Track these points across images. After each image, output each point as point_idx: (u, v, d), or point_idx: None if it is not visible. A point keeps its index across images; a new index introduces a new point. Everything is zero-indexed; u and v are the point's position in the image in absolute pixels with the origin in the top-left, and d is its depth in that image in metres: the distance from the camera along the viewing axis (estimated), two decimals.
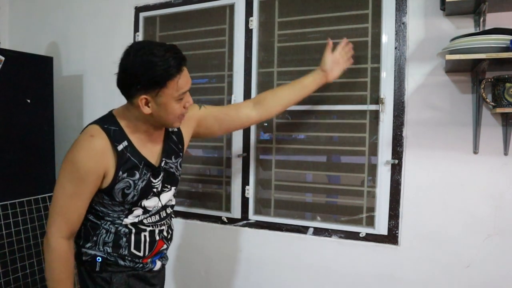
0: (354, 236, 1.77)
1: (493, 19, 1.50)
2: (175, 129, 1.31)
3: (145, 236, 1.23)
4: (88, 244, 1.20)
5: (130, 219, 1.20)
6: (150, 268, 1.27)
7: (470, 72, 1.57)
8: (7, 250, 2.01)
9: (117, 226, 1.19)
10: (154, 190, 1.23)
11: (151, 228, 1.24)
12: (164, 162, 1.25)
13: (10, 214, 2.04)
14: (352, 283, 1.77)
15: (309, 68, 1.84)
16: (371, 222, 1.75)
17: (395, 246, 1.70)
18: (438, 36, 1.59)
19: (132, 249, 1.21)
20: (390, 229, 1.71)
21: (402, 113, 1.67)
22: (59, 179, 1.13)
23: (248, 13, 1.95)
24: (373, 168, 1.74)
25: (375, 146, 1.73)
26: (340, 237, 1.80)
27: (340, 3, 1.79)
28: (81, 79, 2.47)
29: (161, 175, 1.24)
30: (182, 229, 2.14)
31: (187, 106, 1.17)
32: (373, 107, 1.73)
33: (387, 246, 1.71)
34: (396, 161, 1.68)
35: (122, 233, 1.20)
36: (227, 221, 2.04)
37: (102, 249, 1.19)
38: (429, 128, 1.64)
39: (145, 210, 1.22)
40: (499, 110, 1.43)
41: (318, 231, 1.84)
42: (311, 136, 1.88)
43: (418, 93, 1.65)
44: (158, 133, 1.24)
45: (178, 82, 1.09)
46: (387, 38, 1.69)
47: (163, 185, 1.25)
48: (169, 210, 1.32)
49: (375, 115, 1.73)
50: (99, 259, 1.18)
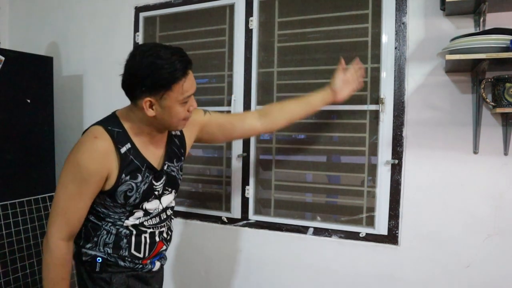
0: (354, 236, 1.77)
1: (493, 19, 1.50)
2: (178, 132, 1.31)
3: (145, 238, 1.23)
4: (88, 245, 1.20)
5: (131, 221, 1.20)
6: (149, 268, 1.27)
7: (470, 72, 1.57)
8: (7, 250, 2.01)
9: (118, 227, 1.19)
10: (156, 193, 1.23)
11: (151, 230, 1.25)
12: (167, 165, 1.25)
13: (10, 214, 2.04)
14: (352, 283, 1.77)
15: (309, 68, 1.85)
16: (371, 222, 1.75)
17: (395, 246, 1.70)
18: (438, 36, 1.59)
19: (132, 250, 1.21)
20: (390, 229, 1.71)
21: (402, 113, 1.67)
22: (62, 180, 1.13)
23: (248, 13, 1.95)
24: (373, 168, 1.74)
25: (375, 146, 1.73)
26: (340, 237, 1.80)
27: (340, 3, 1.79)
28: (81, 79, 2.46)
29: (163, 178, 1.24)
30: (182, 229, 2.14)
31: (191, 110, 1.16)
32: (373, 107, 1.73)
33: (387, 246, 1.71)
34: (396, 161, 1.68)
35: (123, 234, 1.20)
36: (227, 221, 2.04)
37: (103, 250, 1.19)
38: (429, 128, 1.64)
39: (146, 212, 1.22)
40: (499, 110, 1.43)
41: (318, 231, 1.84)
42: (311, 136, 1.88)
43: (418, 93, 1.65)
44: (161, 136, 1.24)
45: (183, 86, 1.08)
46: (387, 38, 1.69)
47: (164, 188, 1.26)
48: (169, 212, 1.32)
49: (375, 115, 1.73)
50: (99, 260, 1.19)
